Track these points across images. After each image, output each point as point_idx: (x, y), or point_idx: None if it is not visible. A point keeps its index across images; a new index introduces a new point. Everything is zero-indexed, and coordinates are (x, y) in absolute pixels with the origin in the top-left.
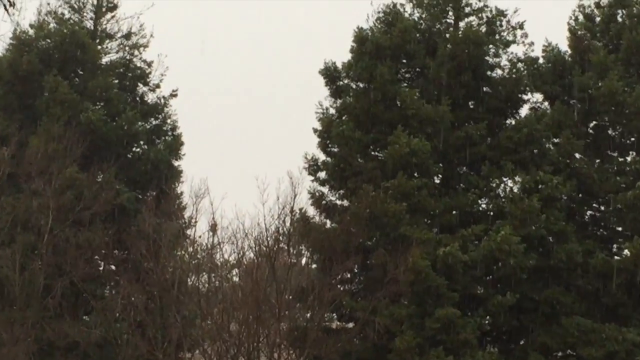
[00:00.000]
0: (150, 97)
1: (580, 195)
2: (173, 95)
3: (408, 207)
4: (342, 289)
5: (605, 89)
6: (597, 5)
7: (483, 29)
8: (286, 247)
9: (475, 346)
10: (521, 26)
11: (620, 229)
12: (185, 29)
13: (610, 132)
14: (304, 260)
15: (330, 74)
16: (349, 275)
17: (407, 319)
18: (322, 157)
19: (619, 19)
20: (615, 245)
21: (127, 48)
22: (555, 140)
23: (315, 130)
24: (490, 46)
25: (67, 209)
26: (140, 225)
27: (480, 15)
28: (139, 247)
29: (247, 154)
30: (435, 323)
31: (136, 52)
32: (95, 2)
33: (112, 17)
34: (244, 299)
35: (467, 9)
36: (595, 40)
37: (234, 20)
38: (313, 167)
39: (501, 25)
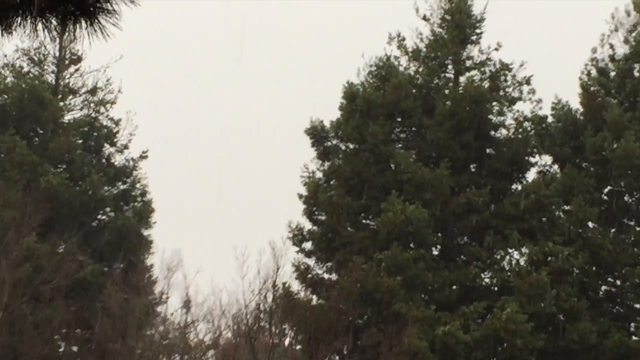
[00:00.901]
0: (118, 159)
1: (593, 268)
2: (143, 156)
3: (403, 282)
4: None
5: (621, 151)
6: (612, 58)
7: (486, 84)
8: (268, 326)
9: None
10: (528, 81)
11: (638, 305)
12: (157, 83)
13: (626, 198)
14: (287, 341)
15: (317, 134)
16: (337, 357)
17: None
18: (307, 225)
19: (636, 74)
20: (632, 324)
21: (92, 104)
22: (566, 208)
23: (300, 196)
24: (494, 103)
25: (24, 283)
26: (105, 301)
27: (482, 69)
28: (104, 326)
29: (224, 223)
30: None
31: (102, 109)
32: (57, 54)
33: (76, 70)
34: None
35: (468, 63)
36: (609, 97)
37: (213, 75)
38: (298, 237)
39: (506, 81)
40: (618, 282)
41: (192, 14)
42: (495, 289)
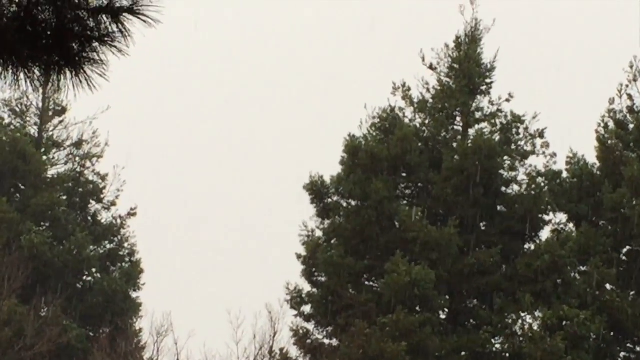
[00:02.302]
0: (105, 217)
1: (612, 333)
2: (131, 214)
3: (409, 348)
4: None
5: None
6: (630, 110)
7: (496, 137)
8: None
9: None
10: (541, 134)
11: None
12: (145, 136)
13: None
14: None
15: (316, 190)
16: None
17: None
18: (306, 287)
19: None
20: None
21: (77, 159)
22: (583, 269)
23: (299, 256)
24: (505, 157)
25: (5, 348)
26: None
27: (493, 121)
28: None
29: (218, 285)
30: None
31: (88, 164)
32: (40, 105)
33: (60, 122)
34: None
35: (478, 114)
36: (628, 151)
37: (204, 126)
38: (296, 300)
39: (518, 133)
40: (638, 348)
41: (183, 62)
42: (507, 355)
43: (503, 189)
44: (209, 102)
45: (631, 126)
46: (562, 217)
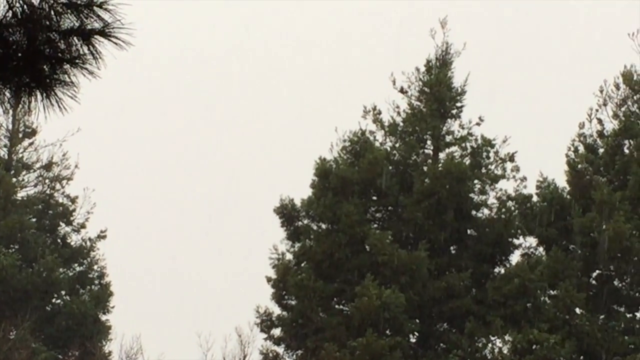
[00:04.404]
0: (74, 239)
1: (581, 357)
2: (101, 236)
3: None
4: None
5: (610, 232)
6: (600, 134)
7: (467, 161)
8: None
9: None
10: (512, 158)
11: None
12: (116, 158)
13: (616, 283)
14: None
15: (287, 213)
16: None
17: None
18: (277, 310)
19: (626, 151)
20: None
21: (47, 181)
22: (552, 293)
23: (269, 279)
24: (476, 181)
25: None
26: None
27: (463, 145)
28: None
29: (187, 307)
30: None
31: (58, 186)
32: (10, 127)
33: (30, 144)
34: None
35: (448, 138)
36: (598, 175)
37: (172, 150)
38: (266, 323)
39: (488, 157)
40: None
41: (152, 83)
42: None
43: (473, 212)
44: (179, 125)
45: (601, 150)
46: (532, 241)
